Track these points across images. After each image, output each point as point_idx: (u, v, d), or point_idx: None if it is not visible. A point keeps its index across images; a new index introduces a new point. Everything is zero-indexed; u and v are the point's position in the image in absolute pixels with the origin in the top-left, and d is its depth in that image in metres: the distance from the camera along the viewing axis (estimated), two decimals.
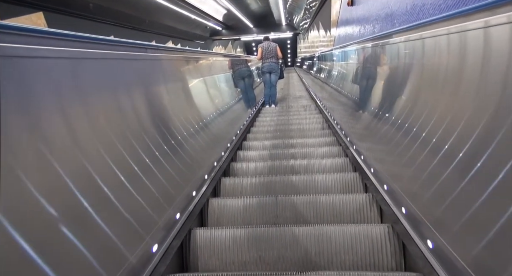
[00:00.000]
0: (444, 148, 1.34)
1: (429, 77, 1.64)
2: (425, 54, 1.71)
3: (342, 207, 2.19)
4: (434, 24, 1.53)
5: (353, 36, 7.19)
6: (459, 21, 1.28)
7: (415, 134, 1.67)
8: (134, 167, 1.50)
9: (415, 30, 1.79)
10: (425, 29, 1.66)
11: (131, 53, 1.77)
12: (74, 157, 1.13)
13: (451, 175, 1.27)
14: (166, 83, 2.30)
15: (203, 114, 3.11)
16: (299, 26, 26.91)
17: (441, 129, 1.40)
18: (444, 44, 1.46)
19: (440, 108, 1.46)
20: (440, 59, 1.51)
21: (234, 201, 2.30)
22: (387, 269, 1.68)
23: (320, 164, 3.06)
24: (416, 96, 1.82)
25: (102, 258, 1.12)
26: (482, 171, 1.09)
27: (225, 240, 1.83)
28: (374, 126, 2.48)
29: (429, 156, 1.47)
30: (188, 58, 3.04)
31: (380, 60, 2.65)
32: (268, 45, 6.42)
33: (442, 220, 1.30)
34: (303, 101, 7.49)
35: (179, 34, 18.98)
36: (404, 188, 1.72)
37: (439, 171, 1.35)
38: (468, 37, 1.25)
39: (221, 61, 4.92)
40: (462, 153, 1.21)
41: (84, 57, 1.28)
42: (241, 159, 3.53)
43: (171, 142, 2.06)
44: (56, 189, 1.02)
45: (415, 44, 1.85)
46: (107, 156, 1.31)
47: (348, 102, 3.96)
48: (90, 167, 1.19)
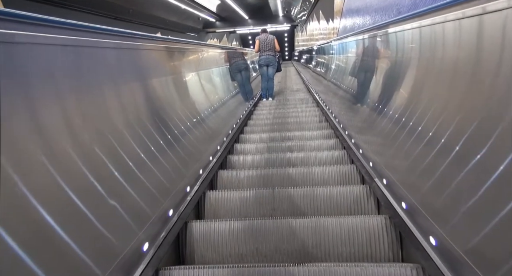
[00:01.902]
0: (443, 141, 1.32)
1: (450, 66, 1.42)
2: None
3: (339, 199, 2.18)
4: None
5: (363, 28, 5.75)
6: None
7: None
8: (127, 160, 1.48)
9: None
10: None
11: (128, 43, 1.74)
12: (66, 152, 1.10)
13: (450, 166, 1.25)
14: (160, 75, 2.26)
15: (200, 107, 3.08)
16: (297, 18, 25.50)
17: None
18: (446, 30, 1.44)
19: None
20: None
21: (231, 193, 2.28)
22: (384, 260, 1.68)
23: (318, 157, 3.05)
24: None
25: (95, 250, 1.11)
26: (481, 163, 1.07)
27: (222, 232, 1.82)
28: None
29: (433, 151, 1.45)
30: (182, 50, 2.99)
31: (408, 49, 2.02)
32: (265, 37, 6.37)
33: (441, 211, 1.28)
34: (300, 94, 7.46)
35: (168, 25, 17.64)
36: (402, 180, 1.71)
37: (439, 162, 1.33)
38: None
39: (216, 54, 4.87)
40: (460, 145, 1.19)
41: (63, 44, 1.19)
42: (238, 151, 3.51)
43: (166, 134, 2.04)
44: (46, 184, 1.00)
45: (413, 32, 1.82)
46: (99, 149, 1.29)
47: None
48: (82, 161, 1.16)
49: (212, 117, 3.35)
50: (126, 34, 1.71)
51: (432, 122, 1.44)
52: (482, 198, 1.04)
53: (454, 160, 1.23)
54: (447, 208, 1.22)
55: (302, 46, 19.62)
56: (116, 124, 1.49)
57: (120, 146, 1.45)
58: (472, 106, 1.17)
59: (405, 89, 1.91)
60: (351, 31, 5.65)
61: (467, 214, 1.11)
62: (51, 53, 1.11)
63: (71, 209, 1.06)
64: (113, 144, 1.41)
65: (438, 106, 1.44)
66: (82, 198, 1.10)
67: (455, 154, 1.22)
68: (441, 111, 1.39)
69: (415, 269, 1.39)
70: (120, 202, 1.32)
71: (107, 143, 1.36)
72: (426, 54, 1.64)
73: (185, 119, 2.52)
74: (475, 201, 1.07)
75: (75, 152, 1.13)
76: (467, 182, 1.13)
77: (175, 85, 2.59)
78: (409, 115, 1.74)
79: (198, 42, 3.75)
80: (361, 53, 3.40)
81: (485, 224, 1.01)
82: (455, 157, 1.22)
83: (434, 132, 1.41)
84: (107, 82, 1.51)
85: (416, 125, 1.62)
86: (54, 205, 0.99)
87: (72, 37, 1.22)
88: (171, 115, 2.26)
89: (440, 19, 1.42)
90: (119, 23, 12.57)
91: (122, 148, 1.46)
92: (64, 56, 1.18)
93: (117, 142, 1.44)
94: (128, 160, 1.48)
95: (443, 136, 1.31)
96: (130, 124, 1.62)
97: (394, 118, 1.95)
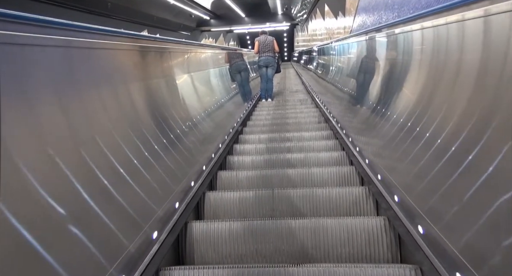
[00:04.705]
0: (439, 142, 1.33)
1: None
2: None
3: (338, 200, 2.19)
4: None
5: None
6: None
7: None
8: (119, 168, 1.48)
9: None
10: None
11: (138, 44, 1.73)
12: (73, 150, 1.11)
13: (448, 166, 1.27)
14: (155, 78, 2.25)
15: (200, 107, 3.09)
16: (297, 16, 23.67)
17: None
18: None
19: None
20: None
21: (231, 194, 2.29)
22: (383, 261, 1.69)
23: (317, 158, 3.06)
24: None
25: (99, 248, 1.11)
26: (478, 163, 1.09)
27: (222, 233, 1.83)
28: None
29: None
30: (178, 51, 2.96)
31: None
32: (265, 38, 6.39)
33: (438, 212, 1.30)
34: (299, 95, 7.48)
35: (156, 22, 15.88)
36: (398, 180, 1.72)
37: (437, 163, 1.34)
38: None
39: (214, 54, 4.87)
40: (457, 146, 1.21)
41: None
42: (237, 152, 3.52)
43: (166, 135, 2.04)
44: (55, 181, 1.01)
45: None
46: (104, 148, 1.30)
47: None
48: (88, 158, 1.17)
49: (213, 119, 3.36)
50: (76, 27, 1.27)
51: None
52: (480, 199, 1.05)
53: (454, 160, 1.24)
54: (445, 209, 1.24)
55: (302, 47, 18.31)
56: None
57: (114, 150, 1.46)
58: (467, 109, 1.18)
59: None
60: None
61: (466, 215, 1.12)
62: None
63: (82, 206, 1.07)
64: (112, 145, 1.41)
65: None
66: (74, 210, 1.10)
67: (454, 155, 1.23)
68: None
69: (414, 270, 1.41)
70: (123, 208, 1.33)
71: (98, 147, 1.33)
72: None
73: (187, 121, 2.52)
74: (473, 202, 1.08)
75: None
76: (465, 183, 1.14)
77: (178, 88, 2.60)
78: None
79: (199, 44, 3.71)
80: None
81: (483, 225, 1.02)
82: (455, 158, 1.23)
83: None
84: (115, 83, 1.50)
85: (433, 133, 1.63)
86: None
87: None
88: (173, 119, 2.26)
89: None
90: (96, 19, 10.53)
91: (114, 152, 1.47)
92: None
93: (117, 142, 1.45)
94: (126, 170, 1.48)
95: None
96: (139, 128, 1.62)
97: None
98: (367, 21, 5.48)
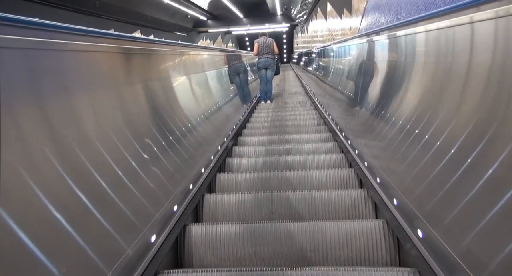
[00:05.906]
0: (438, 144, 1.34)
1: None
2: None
3: (337, 203, 2.19)
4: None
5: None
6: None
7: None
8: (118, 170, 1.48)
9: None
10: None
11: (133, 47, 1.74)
12: (70, 152, 1.11)
13: (447, 169, 1.27)
14: (161, 79, 2.26)
15: (199, 109, 3.09)
16: (296, 17, 22.66)
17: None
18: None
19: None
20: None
21: (230, 197, 2.29)
22: (381, 264, 1.69)
23: (316, 160, 3.06)
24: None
25: (98, 251, 1.11)
26: (477, 167, 1.09)
27: (220, 236, 1.82)
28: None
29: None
30: (176, 53, 2.96)
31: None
32: (264, 40, 6.41)
33: (437, 215, 1.30)
34: (298, 97, 7.48)
35: (150, 22, 15.04)
36: (397, 182, 1.72)
37: (436, 166, 1.34)
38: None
39: (212, 56, 4.87)
40: (456, 149, 1.21)
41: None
42: (236, 154, 3.52)
43: (165, 138, 2.04)
44: (52, 184, 1.01)
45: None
46: (101, 149, 1.30)
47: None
48: (85, 160, 1.17)
49: (212, 121, 3.36)
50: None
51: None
52: (479, 202, 1.06)
53: (454, 163, 1.24)
54: (444, 212, 1.24)
55: (302, 49, 17.78)
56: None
57: (112, 152, 1.45)
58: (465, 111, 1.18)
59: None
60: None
61: (465, 219, 1.12)
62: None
63: (80, 208, 1.06)
64: (113, 146, 1.41)
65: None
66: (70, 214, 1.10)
67: (454, 157, 1.23)
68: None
69: (412, 273, 1.40)
70: (121, 210, 1.32)
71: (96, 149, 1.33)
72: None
73: (186, 123, 2.52)
74: (473, 205, 1.08)
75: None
76: (464, 186, 1.14)
77: (177, 90, 2.60)
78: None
79: (197, 46, 3.71)
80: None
81: (482, 229, 1.02)
82: (456, 160, 1.23)
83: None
84: (115, 84, 1.50)
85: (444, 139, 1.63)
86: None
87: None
88: (172, 121, 2.26)
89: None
90: (84, 19, 9.75)
91: (110, 154, 1.46)
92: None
93: (116, 143, 1.45)
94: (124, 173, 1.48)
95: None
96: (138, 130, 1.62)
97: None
98: (380, 20, 4.73)
